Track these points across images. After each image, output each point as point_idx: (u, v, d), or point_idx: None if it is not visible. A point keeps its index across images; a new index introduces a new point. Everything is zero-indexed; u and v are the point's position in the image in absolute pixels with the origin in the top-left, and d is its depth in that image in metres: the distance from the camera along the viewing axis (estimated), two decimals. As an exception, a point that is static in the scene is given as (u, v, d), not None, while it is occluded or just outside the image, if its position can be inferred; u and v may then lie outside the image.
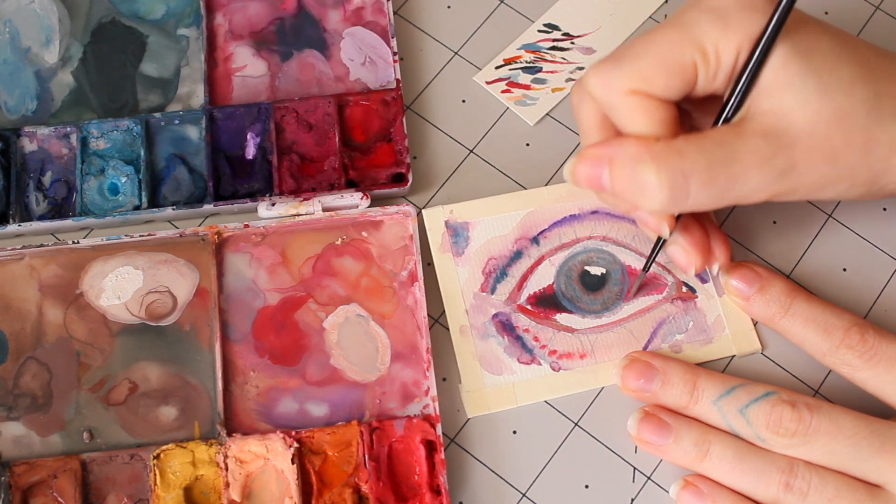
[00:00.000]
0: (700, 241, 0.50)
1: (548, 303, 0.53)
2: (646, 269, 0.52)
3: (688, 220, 0.50)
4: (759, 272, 0.51)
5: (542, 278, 0.53)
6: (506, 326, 0.52)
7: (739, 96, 0.46)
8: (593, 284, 0.53)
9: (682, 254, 0.50)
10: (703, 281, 0.53)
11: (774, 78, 0.45)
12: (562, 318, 0.53)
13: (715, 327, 0.52)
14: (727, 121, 0.46)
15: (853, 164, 0.46)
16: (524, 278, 0.53)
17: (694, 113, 0.50)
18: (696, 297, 0.53)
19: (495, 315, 0.52)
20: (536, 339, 0.52)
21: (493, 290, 0.53)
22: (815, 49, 0.45)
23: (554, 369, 0.52)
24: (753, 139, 0.45)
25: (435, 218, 0.54)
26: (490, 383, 0.51)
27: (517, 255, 0.53)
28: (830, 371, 0.52)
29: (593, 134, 0.49)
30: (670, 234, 0.49)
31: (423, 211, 0.54)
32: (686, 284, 0.53)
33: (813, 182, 0.46)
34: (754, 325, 0.52)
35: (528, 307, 0.53)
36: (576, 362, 0.52)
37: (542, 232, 0.54)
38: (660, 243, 0.51)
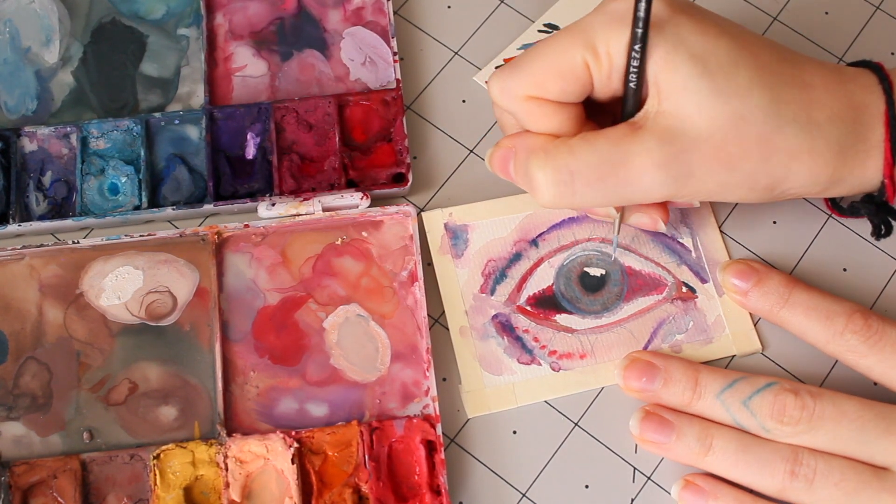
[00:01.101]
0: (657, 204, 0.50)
1: (547, 304, 0.53)
2: (615, 239, 0.53)
3: None
4: (756, 267, 0.52)
5: (542, 280, 0.53)
6: (505, 327, 0.52)
7: (629, 93, 0.46)
8: (593, 285, 0.53)
9: (645, 217, 0.51)
10: (704, 281, 0.53)
11: (671, 80, 0.45)
12: (561, 318, 0.53)
13: (715, 327, 0.52)
14: (626, 119, 0.47)
15: (751, 171, 0.46)
16: (523, 280, 0.53)
17: (614, 111, 0.50)
18: (696, 297, 0.53)
19: (495, 316, 0.52)
20: (536, 339, 0.52)
21: (492, 292, 0.53)
22: (712, 53, 0.45)
23: (554, 369, 0.52)
24: (649, 140, 0.45)
25: (434, 220, 0.54)
26: (490, 384, 0.51)
27: (516, 257, 0.53)
28: (831, 370, 0.52)
29: (511, 128, 0.51)
30: (617, 212, 0.50)
31: (422, 213, 0.54)
32: (686, 284, 0.53)
33: (711, 188, 0.46)
34: (754, 324, 0.52)
35: (528, 308, 0.53)
36: (576, 362, 0.52)
37: (540, 234, 0.54)
38: (618, 218, 0.51)
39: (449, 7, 0.60)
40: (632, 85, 0.46)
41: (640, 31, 0.44)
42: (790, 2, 0.60)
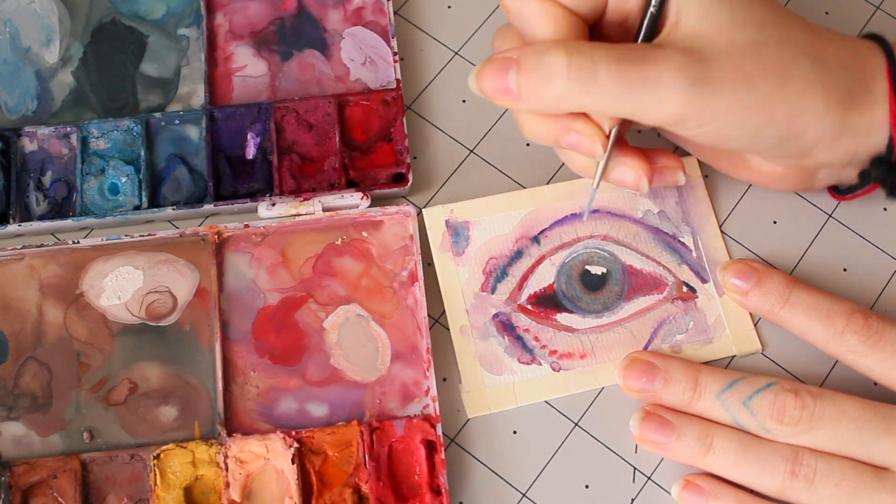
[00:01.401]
0: (641, 155, 0.49)
1: (548, 302, 0.53)
2: (595, 186, 0.50)
3: (624, 144, 0.49)
4: (757, 267, 0.52)
5: (543, 278, 0.53)
6: (506, 326, 0.52)
7: (649, 17, 0.46)
8: (594, 284, 0.53)
9: (629, 171, 0.49)
10: (704, 281, 0.53)
11: (690, 7, 0.45)
12: (562, 317, 0.53)
13: (715, 327, 0.52)
14: (647, 39, 0.47)
15: (769, 93, 0.45)
16: (525, 278, 0.53)
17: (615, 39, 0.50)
18: (697, 297, 0.53)
19: (495, 315, 0.52)
20: (537, 339, 0.52)
21: (493, 290, 0.53)
22: None
23: (554, 369, 0.52)
24: (671, 50, 0.45)
25: (435, 217, 0.54)
26: (490, 383, 0.51)
27: (518, 255, 0.53)
28: (831, 370, 0.52)
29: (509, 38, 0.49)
30: (604, 152, 0.48)
31: (423, 210, 0.54)
32: (686, 284, 0.53)
33: (729, 106, 0.45)
34: (754, 325, 0.52)
35: (529, 307, 0.53)
36: (576, 362, 0.52)
37: (542, 231, 0.54)
38: (601, 164, 0.49)
39: (449, 7, 0.60)
40: (653, 9, 0.46)
41: None
42: (790, 2, 0.60)
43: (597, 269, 0.53)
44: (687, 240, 0.54)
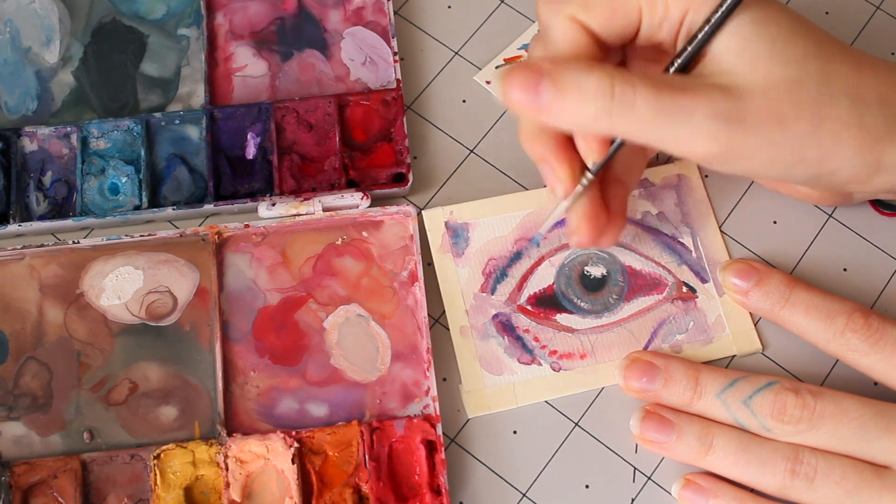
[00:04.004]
0: (597, 215, 0.48)
1: (548, 303, 0.53)
2: (547, 221, 0.50)
3: (594, 197, 0.48)
4: (757, 267, 0.52)
5: (542, 279, 0.53)
6: (506, 327, 0.52)
7: (692, 48, 0.44)
8: (593, 285, 0.53)
9: (575, 226, 0.48)
10: (704, 281, 0.53)
11: (727, 42, 0.44)
12: (562, 318, 0.53)
13: (715, 327, 0.52)
14: (680, 71, 0.45)
15: (802, 135, 0.44)
16: (524, 279, 0.53)
17: (633, 65, 0.49)
18: (697, 297, 0.53)
19: (495, 315, 0.52)
20: (537, 339, 0.52)
21: (493, 291, 0.53)
22: (771, 21, 0.44)
23: (554, 369, 0.52)
24: (705, 86, 0.44)
25: (435, 219, 0.54)
26: (490, 383, 0.51)
27: (517, 256, 0.53)
28: (831, 370, 0.52)
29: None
30: (564, 198, 0.47)
31: (422, 212, 0.54)
32: (686, 284, 0.53)
33: (760, 146, 0.44)
34: (754, 324, 0.52)
35: (529, 307, 0.53)
36: (576, 362, 0.52)
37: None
38: (559, 206, 0.48)
39: (449, 7, 0.60)
40: (697, 43, 0.44)
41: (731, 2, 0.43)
42: (790, 2, 0.60)
43: (596, 271, 0.53)
44: (686, 240, 0.54)
